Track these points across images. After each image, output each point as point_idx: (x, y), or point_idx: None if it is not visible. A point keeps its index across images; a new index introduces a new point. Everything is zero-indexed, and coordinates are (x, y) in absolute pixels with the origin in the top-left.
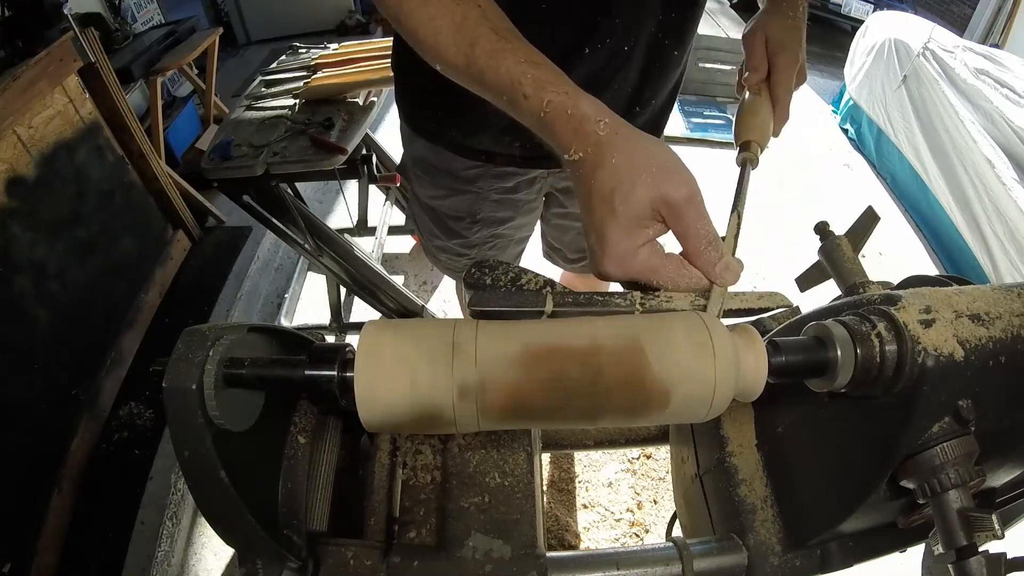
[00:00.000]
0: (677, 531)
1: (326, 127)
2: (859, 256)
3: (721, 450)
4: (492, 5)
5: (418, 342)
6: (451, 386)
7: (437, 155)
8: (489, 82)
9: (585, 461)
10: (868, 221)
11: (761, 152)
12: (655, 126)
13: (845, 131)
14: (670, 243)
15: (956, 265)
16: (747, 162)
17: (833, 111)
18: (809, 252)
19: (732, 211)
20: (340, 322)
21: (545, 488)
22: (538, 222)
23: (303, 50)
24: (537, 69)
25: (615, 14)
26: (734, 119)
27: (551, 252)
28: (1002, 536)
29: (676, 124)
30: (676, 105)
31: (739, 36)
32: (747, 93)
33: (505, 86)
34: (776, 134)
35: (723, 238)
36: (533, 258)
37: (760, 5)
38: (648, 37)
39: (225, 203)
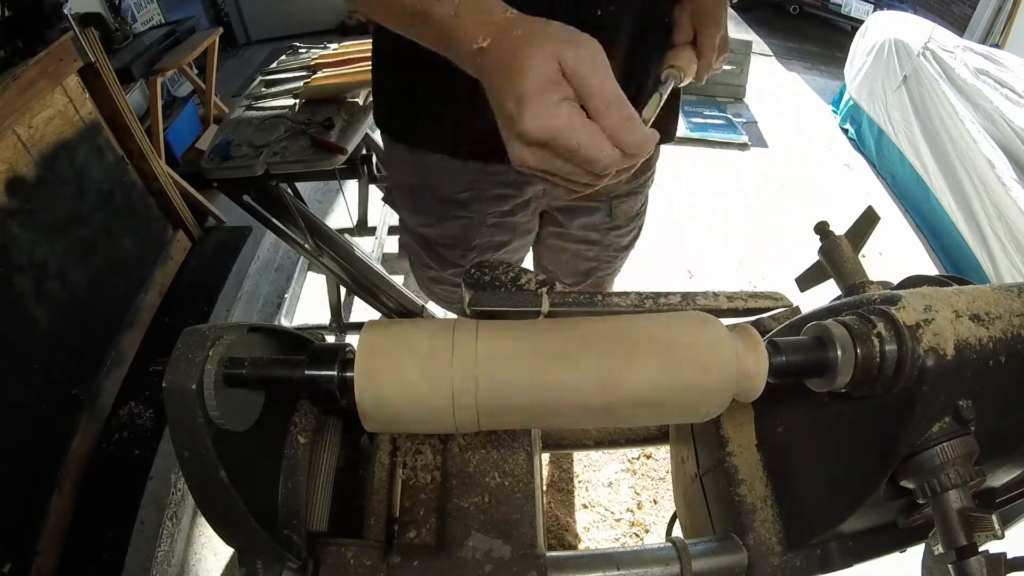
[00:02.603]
0: (677, 531)
1: (326, 127)
2: (859, 256)
3: (721, 450)
4: None
5: (418, 342)
6: (451, 386)
7: (420, 172)
8: (415, 8)
9: (585, 461)
10: (868, 221)
11: (683, 82)
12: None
13: (845, 131)
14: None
15: (956, 265)
16: (671, 76)
17: (833, 111)
18: (809, 252)
19: (655, 93)
20: (340, 322)
21: (545, 488)
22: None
23: (303, 50)
24: None
25: (597, 6)
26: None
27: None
28: (1002, 536)
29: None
30: None
31: (739, 36)
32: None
33: (424, 3)
34: (699, 80)
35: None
36: None
37: None
38: (633, 30)
39: (225, 203)
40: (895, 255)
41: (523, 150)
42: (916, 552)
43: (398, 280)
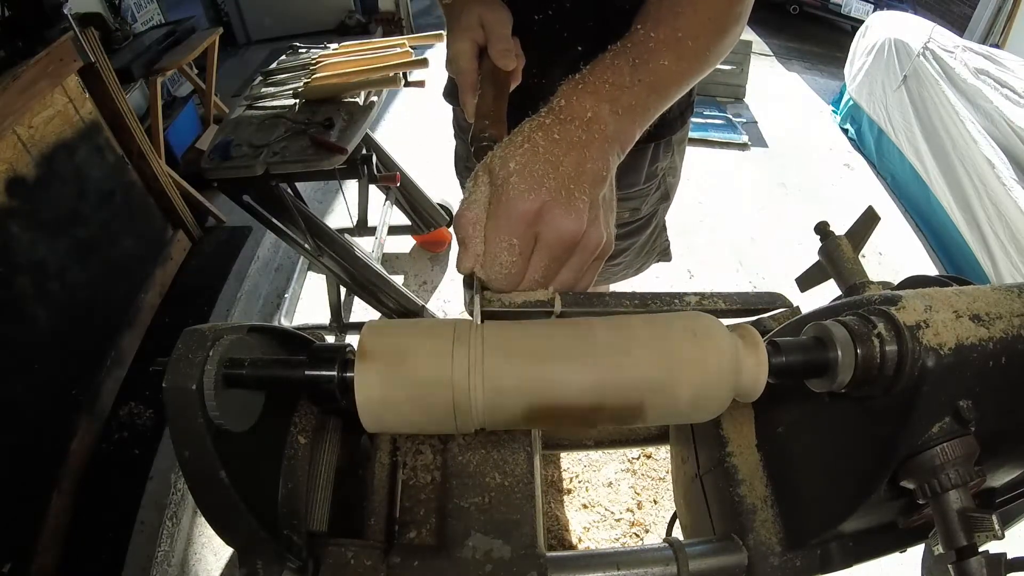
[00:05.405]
0: (677, 531)
1: (326, 127)
2: (859, 256)
3: (721, 450)
4: None
5: (418, 342)
6: (451, 387)
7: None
8: None
9: (585, 461)
10: (868, 221)
11: None
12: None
13: (845, 131)
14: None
15: (956, 265)
16: None
17: (833, 111)
18: (809, 252)
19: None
20: (340, 322)
21: (545, 488)
22: None
23: (303, 50)
24: None
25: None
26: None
27: None
28: (1002, 536)
29: None
30: None
31: (742, 37)
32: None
33: None
34: None
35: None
36: None
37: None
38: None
39: (225, 203)
40: (895, 255)
41: None
42: (916, 552)
43: (398, 280)
